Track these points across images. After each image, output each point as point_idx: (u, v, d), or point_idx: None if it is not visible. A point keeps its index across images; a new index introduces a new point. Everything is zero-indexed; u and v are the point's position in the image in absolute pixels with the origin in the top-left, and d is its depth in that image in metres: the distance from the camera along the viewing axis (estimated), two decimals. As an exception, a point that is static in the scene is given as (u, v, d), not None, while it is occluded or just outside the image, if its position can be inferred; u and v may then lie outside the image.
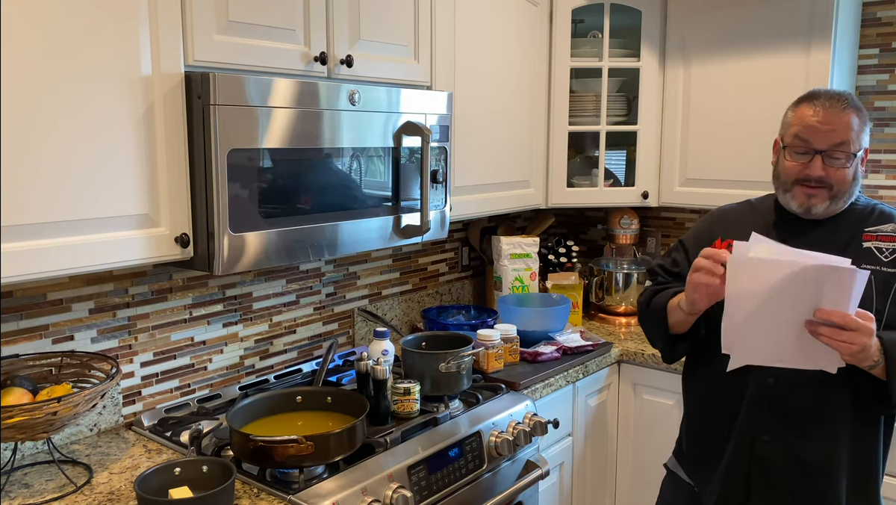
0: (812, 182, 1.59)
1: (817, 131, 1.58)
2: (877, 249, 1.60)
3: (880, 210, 1.67)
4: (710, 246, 1.69)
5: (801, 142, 1.60)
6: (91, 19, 1.42)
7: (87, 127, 1.44)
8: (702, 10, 2.70)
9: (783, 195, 1.66)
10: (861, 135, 1.60)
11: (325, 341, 2.45)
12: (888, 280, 1.58)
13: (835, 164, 1.58)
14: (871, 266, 1.57)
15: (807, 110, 1.62)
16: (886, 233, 1.62)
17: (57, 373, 1.70)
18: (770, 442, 1.64)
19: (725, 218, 1.80)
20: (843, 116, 1.58)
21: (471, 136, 2.39)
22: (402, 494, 1.63)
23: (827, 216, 1.64)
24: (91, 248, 1.47)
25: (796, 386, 1.61)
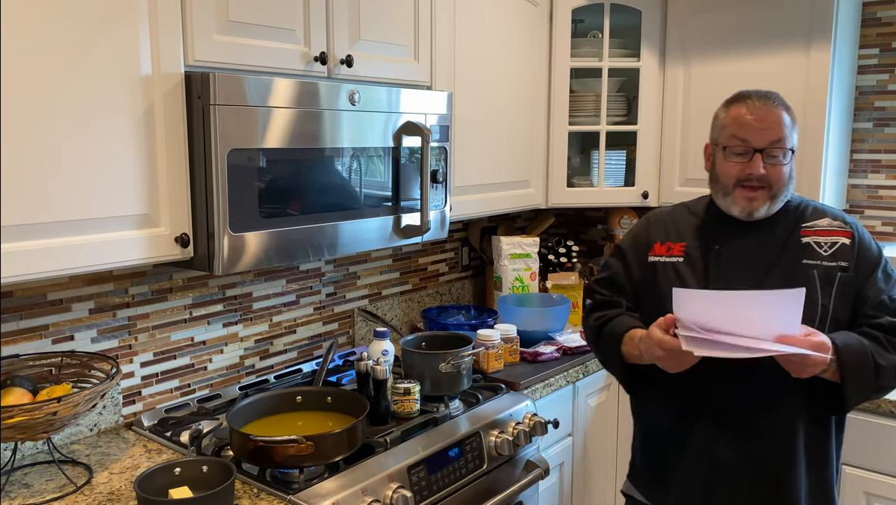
0: (753, 182, 1.59)
1: (755, 129, 1.58)
2: (816, 244, 1.63)
3: (812, 206, 1.70)
4: (650, 250, 1.73)
5: (739, 141, 1.60)
6: (91, 19, 1.42)
7: (87, 127, 1.44)
8: (702, 10, 2.70)
9: (723, 199, 1.65)
10: (793, 132, 1.62)
11: (325, 341, 2.45)
12: (829, 273, 1.60)
13: (773, 162, 1.59)
14: (812, 260, 1.61)
15: (741, 110, 1.61)
16: (823, 227, 1.65)
17: (57, 373, 1.70)
18: (727, 447, 1.63)
19: (663, 222, 1.77)
20: (777, 113, 1.60)
21: (471, 136, 2.39)
22: (402, 494, 1.63)
23: (766, 216, 1.65)
24: (91, 249, 1.47)
25: (753, 390, 1.61)
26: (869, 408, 2.21)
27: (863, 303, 1.60)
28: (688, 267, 1.68)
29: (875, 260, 1.63)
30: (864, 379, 1.53)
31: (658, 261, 1.72)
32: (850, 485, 2.27)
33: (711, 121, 1.71)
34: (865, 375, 1.53)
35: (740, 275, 1.62)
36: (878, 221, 2.75)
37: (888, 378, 1.56)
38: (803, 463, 1.63)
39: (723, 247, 1.66)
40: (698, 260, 1.67)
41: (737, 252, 1.65)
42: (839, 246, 1.62)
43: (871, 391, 1.57)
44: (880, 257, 1.64)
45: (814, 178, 2.51)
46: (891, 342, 1.58)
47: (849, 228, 1.64)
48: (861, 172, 2.77)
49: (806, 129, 2.51)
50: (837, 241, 1.63)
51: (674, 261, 1.70)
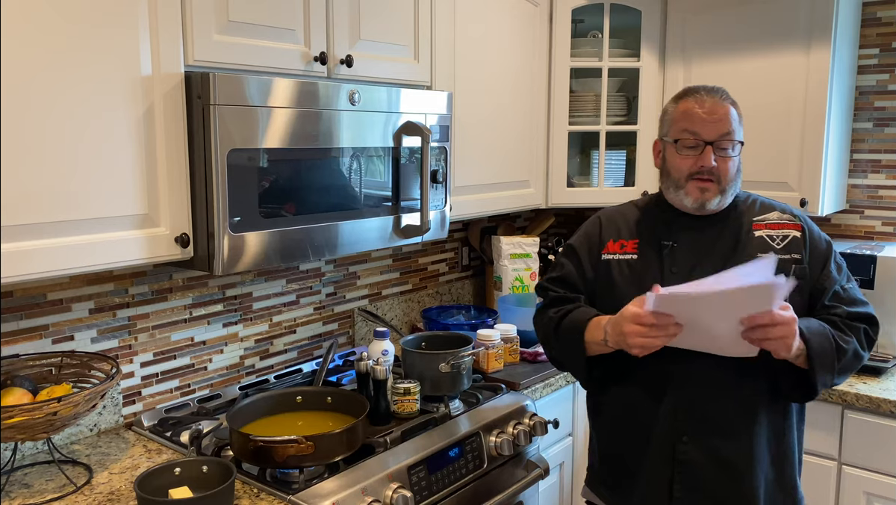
0: (705, 174, 1.60)
1: (705, 122, 1.60)
2: (768, 237, 1.65)
3: (760, 201, 1.73)
4: (602, 249, 1.72)
5: (690, 135, 1.61)
6: (91, 19, 1.42)
7: (87, 127, 1.44)
8: (702, 10, 2.70)
9: (675, 193, 1.65)
10: (740, 127, 1.64)
11: (325, 341, 2.45)
12: (784, 266, 1.61)
13: (723, 155, 1.60)
14: (764, 254, 1.62)
15: (691, 103, 1.62)
16: (773, 221, 1.67)
17: (57, 373, 1.70)
18: (689, 444, 1.63)
19: (614, 220, 1.76)
20: (725, 107, 1.62)
21: (471, 136, 2.39)
22: (402, 494, 1.63)
23: (718, 210, 1.66)
24: (91, 249, 1.47)
25: (715, 386, 1.61)
26: (869, 408, 2.22)
27: (820, 294, 1.63)
28: (642, 264, 1.68)
29: (826, 252, 1.66)
30: (828, 362, 1.55)
31: (612, 259, 1.71)
32: (850, 485, 2.27)
33: (660, 117, 1.72)
34: (829, 357, 1.55)
35: (696, 270, 1.62)
36: (879, 221, 2.75)
37: (848, 362, 1.59)
38: (765, 458, 1.64)
39: (676, 242, 1.67)
40: (653, 257, 1.67)
41: (690, 247, 1.66)
42: (791, 239, 1.64)
43: (834, 374, 1.58)
44: (830, 249, 1.67)
45: (814, 178, 2.51)
46: (849, 326, 1.61)
47: (798, 221, 1.67)
48: (861, 172, 2.77)
49: (806, 129, 2.51)
50: (789, 234, 1.65)
51: (627, 258, 1.69)
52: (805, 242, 1.64)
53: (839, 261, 1.67)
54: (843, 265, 1.68)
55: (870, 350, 1.65)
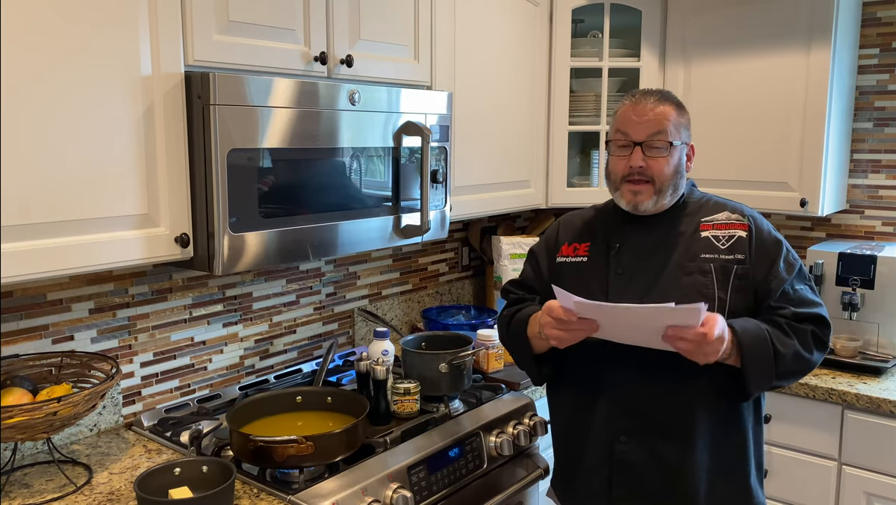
0: (635, 175, 1.61)
1: (634, 123, 1.62)
2: (714, 238, 1.64)
3: (714, 201, 1.71)
4: (557, 252, 1.77)
5: (621, 135, 1.64)
6: (91, 19, 1.42)
7: (87, 127, 1.44)
8: (702, 10, 2.70)
9: (614, 194, 1.68)
10: (680, 128, 1.64)
11: (325, 341, 2.45)
12: (726, 266, 1.61)
13: (654, 154, 1.60)
14: (709, 254, 1.62)
15: (626, 106, 1.65)
16: (721, 221, 1.66)
17: (57, 373, 1.70)
18: (628, 443, 1.63)
19: (571, 224, 1.80)
20: (658, 108, 1.62)
21: (471, 136, 2.39)
22: (402, 494, 1.63)
23: (657, 211, 1.66)
24: (91, 249, 1.47)
25: (653, 385, 1.61)
26: (869, 408, 2.22)
27: (766, 295, 1.61)
28: (590, 266, 1.70)
29: (773, 251, 1.63)
30: (763, 363, 1.54)
31: (564, 261, 1.75)
32: (850, 485, 2.27)
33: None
34: (765, 359, 1.54)
35: (639, 271, 1.64)
36: (879, 221, 2.75)
37: (789, 363, 1.56)
38: (708, 460, 1.62)
39: (623, 244, 1.68)
40: (600, 259, 1.70)
41: (636, 249, 1.67)
42: (736, 239, 1.63)
43: (772, 377, 1.56)
44: (779, 248, 1.63)
45: (814, 178, 2.51)
46: (793, 328, 1.58)
47: (745, 221, 1.64)
48: (861, 172, 2.77)
49: (806, 129, 2.51)
50: (735, 234, 1.63)
51: (578, 261, 1.73)
52: (750, 242, 1.62)
53: (792, 260, 1.64)
54: (798, 266, 1.64)
55: (820, 352, 1.60)
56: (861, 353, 2.45)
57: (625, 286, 1.64)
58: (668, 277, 1.63)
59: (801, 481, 2.36)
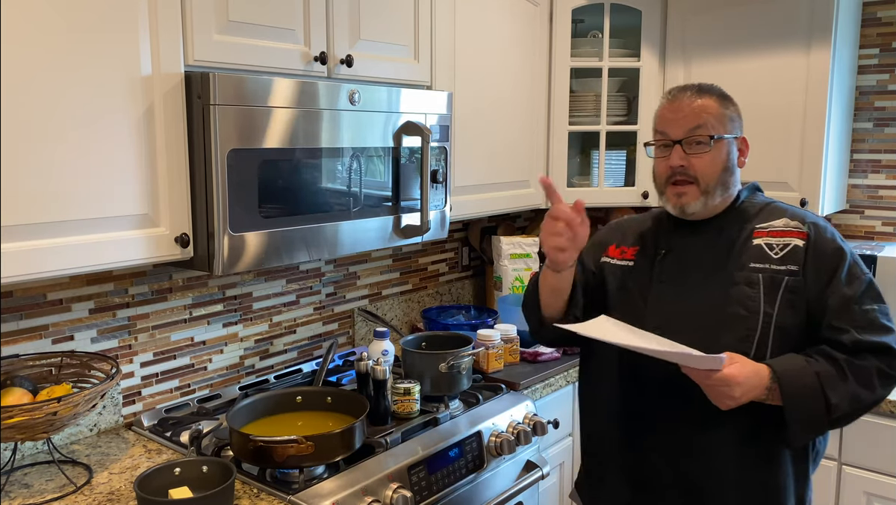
0: (677, 176, 1.51)
1: (670, 121, 1.52)
2: (767, 246, 1.50)
3: (775, 206, 1.57)
4: (601, 251, 1.69)
5: (660, 136, 1.54)
6: (91, 19, 1.42)
7: (87, 127, 1.44)
8: (702, 10, 2.70)
9: (661, 199, 1.58)
10: (724, 120, 1.52)
11: (325, 341, 2.44)
12: (775, 278, 1.47)
13: (695, 151, 1.50)
14: (759, 264, 1.49)
15: (663, 104, 1.56)
16: (777, 228, 1.52)
17: (57, 373, 1.70)
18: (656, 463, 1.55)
19: (623, 226, 1.72)
20: (696, 101, 1.51)
21: (471, 136, 2.39)
22: (402, 494, 1.63)
23: (709, 214, 1.55)
24: (91, 248, 1.47)
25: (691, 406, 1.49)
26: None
27: (822, 312, 1.45)
28: (634, 271, 1.62)
29: (833, 263, 1.47)
30: (810, 414, 1.40)
31: (608, 262, 1.67)
32: (850, 485, 2.27)
33: None
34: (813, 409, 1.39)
35: (682, 280, 1.55)
36: (879, 221, 2.75)
37: (844, 409, 1.40)
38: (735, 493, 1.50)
39: (670, 251, 1.59)
40: (646, 264, 1.61)
41: (683, 255, 1.57)
42: (791, 248, 1.48)
43: (824, 426, 1.42)
44: (841, 260, 1.47)
45: (814, 178, 2.51)
46: (852, 366, 1.41)
47: (805, 230, 1.50)
48: (861, 172, 2.77)
49: (806, 129, 2.51)
50: (790, 242, 1.49)
51: (623, 264, 1.65)
52: (807, 253, 1.47)
53: (859, 274, 1.47)
54: (867, 281, 1.46)
55: (886, 389, 1.42)
56: (861, 353, 2.44)
57: (666, 296, 1.55)
58: (711, 288, 1.51)
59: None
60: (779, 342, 1.45)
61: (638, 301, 1.58)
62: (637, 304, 1.58)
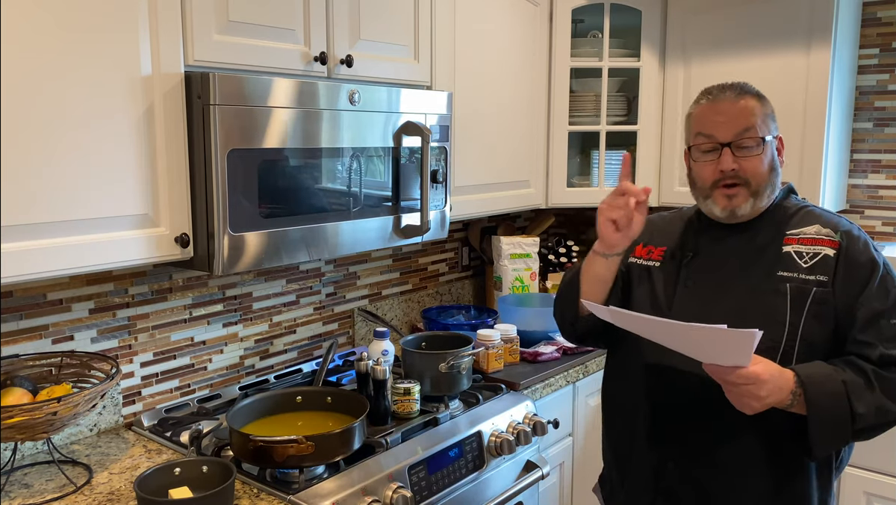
0: (728, 179, 1.46)
1: (718, 123, 1.46)
2: (797, 254, 1.46)
3: (809, 211, 1.53)
4: (632, 251, 1.65)
5: (704, 139, 1.48)
6: (91, 19, 1.42)
7: (87, 127, 1.44)
8: (702, 10, 2.70)
9: (704, 203, 1.53)
10: (767, 120, 1.48)
11: (325, 341, 2.45)
12: (803, 288, 1.43)
13: (745, 154, 1.45)
14: (787, 273, 1.45)
15: (703, 105, 1.50)
16: (809, 235, 1.47)
17: (57, 373, 1.70)
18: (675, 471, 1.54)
19: (652, 225, 1.66)
20: (741, 102, 1.47)
21: (471, 136, 2.39)
22: (402, 494, 1.63)
23: (753, 216, 1.51)
24: (91, 249, 1.47)
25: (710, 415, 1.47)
26: (869, 408, 2.21)
27: (850, 325, 1.42)
28: (660, 272, 1.59)
29: (866, 274, 1.42)
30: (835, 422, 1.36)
31: (635, 262, 1.65)
32: (850, 485, 2.27)
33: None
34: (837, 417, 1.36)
35: (708, 285, 1.51)
36: (879, 221, 2.75)
37: (869, 420, 1.37)
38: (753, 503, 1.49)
39: (697, 253, 1.56)
40: (671, 266, 1.58)
41: (710, 259, 1.54)
42: (821, 257, 1.44)
43: (848, 436, 1.39)
44: (874, 271, 1.43)
45: (814, 178, 2.51)
46: (879, 378, 1.38)
47: (836, 238, 1.45)
48: (861, 172, 2.77)
49: (806, 129, 2.51)
50: (821, 251, 1.45)
51: (649, 265, 1.62)
52: (837, 263, 1.43)
53: (891, 287, 1.42)
54: None
55: None
56: (861, 353, 2.44)
57: (690, 300, 1.52)
58: (736, 295, 1.48)
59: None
60: (804, 354, 1.42)
61: (662, 304, 1.55)
62: (661, 307, 1.55)
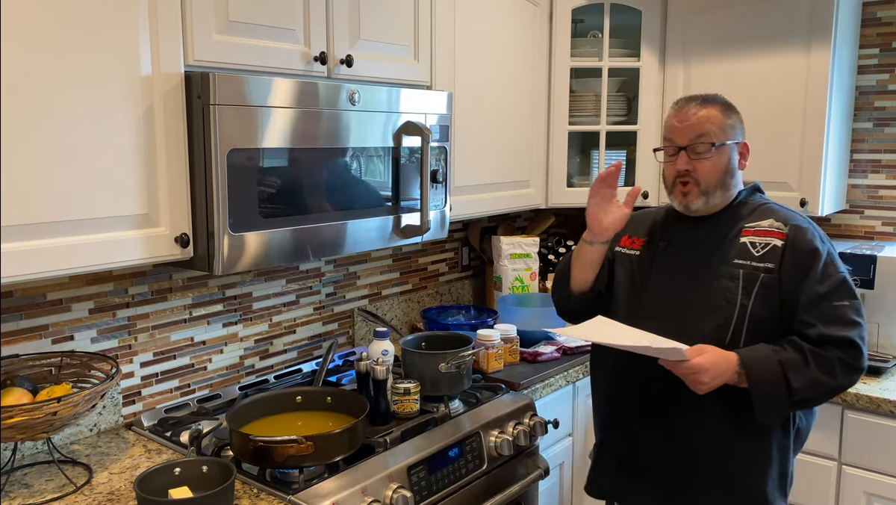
0: (683, 178, 1.69)
1: (677, 129, 1.70)
2: (751, 244, 1.66)
3: (767, 207, 1.72)
4: (616, 241, 1.87)
5: (667, 142, 1.72)
6: (91, 19, 1.42)
7: (87, 127, 1.44)
8: (702, 10, 2.70)
9: (669, 197, 1.77)
10: (726, 128, 1.68)
11: (325, 341, 2.45)
12: (753, 274, 1.63)
13: (699, 157, 1.67)
14: (743, 260, 1.65)
15: (671, 114, 1.74)
16: (763, 228, 1.67)
17: (57, 373, 1.70)
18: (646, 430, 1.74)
19: (637, 218, 1.88)
20: (701, 112, 1.68)
21: (471, 136, 2.39)
22: (402, 494, 1.63)
23: (709, 212, 1.72)
24: (91, 249, 1.47)
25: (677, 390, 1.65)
26: (869, 408, 2.22)
27: (795, 307, 1.60)
28: (639, 260, 1.80)
29: (808, 262, 1.61)
30: (773, 395, 1.57)
31: (620, 251, 1.86)
32: (850, 485, 2.27)
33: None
34: (775, 390, 1.56)
35: (679, 272, 1.73)
36: (879, 221, 2.75)
37: (806, 393, 1.57)
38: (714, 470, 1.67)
39: (669, 244, 1.77)
40: (648, 254, 1.79)
41: (680, 248, 1.75)
42: (770, 248, 1.64)
43: (788, 406, 1.59)
44: (816, 259, 1.61)
45: (814, 178, 2.51)
46: (815, 355, 1.57)
47: (785, 231, 1.64)
48: (861, 172, 2.77)
49: (806, 129, 2.51)
50: (770, 242, 1.64)
51: (631, 253, 1.83)
52: (784, 252, 1.62)
53: (831, 273, 1.60)
54: (839, 280, 1.60)
55: (850, 375, 1.58)
56: (861, 353, 2.44)
57: (661, 285, 1.74)
58: (698, 280, 1.69)
59: (802, 481, 2.36)
60: (752, 331, 1.62)
61: (640, 289, 1.77)
62: (638, 291, 1.77)
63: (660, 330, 1.64)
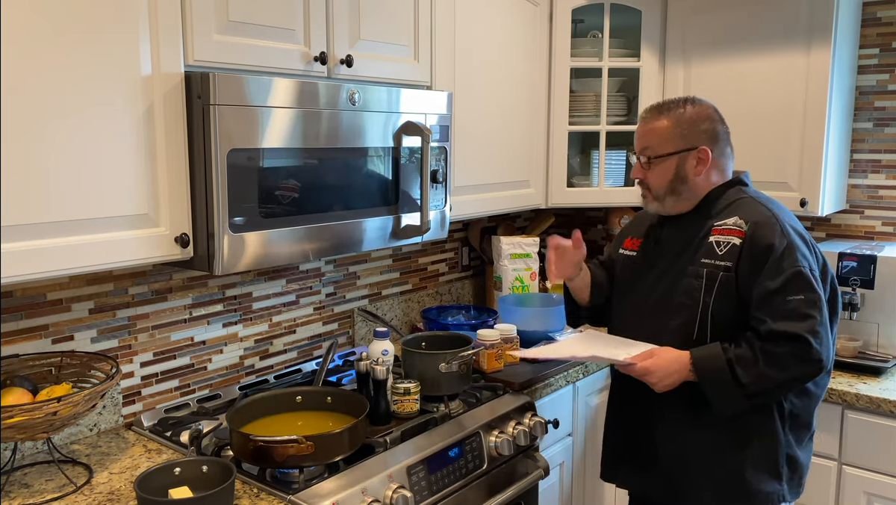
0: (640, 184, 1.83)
1: (636, 139, 1.83)
2: (716, 244, 1.72)
3: (740, 202, 1.76)
4: (620, 243, 2.00)
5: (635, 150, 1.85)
6: (91, 19, 1.42)
7: (87, 127, 1.44)
8: (701, 11, 2.70)
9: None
10: (674, 138, 1.75)
11: (325, 341, 2.45)
12: (714, 273, 1.70)
13: (648, 166, 1.79)
14: (708, 259, 1.72)
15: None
16: (728, 227, 1.72)
17: (57, 373, 1.70)
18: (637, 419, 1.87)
19: (639, 219, 2.00)
20: (650, 123, 1.79)
21: (471, 136, 2.39)
22: (402, 494, 1.63)
23: (672, 213, 1.82)
24: (91, 249, 1.47)
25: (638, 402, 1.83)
26: (869, 408, 2.22)
27: (748, 303, 1.67)
28: (635, 261, 1.91)
29: (761, 260, 1.65)
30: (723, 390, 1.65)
31: (622, 253, 1.97)
32: (850, 485, 2.28)
33: None
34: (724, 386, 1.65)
35: (659, 270, 1.83)
36: (879, 221, 2.75)
37: (758, 386, 1.63)
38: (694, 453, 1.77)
39: (655, 243, 1.87)
40: (642, 253, 1.90)
41: (661, 247, 1.85)
42: (730, 246, 1.70)
43: (743, 400, 1.65)
44: (768, 256, 1.64)
45: (814, 178, 2.51)
46: (764, 351, 1.62)
47: (744, 229, 1.69)
48: (861, 172, 2.77)
49: (806, 129, 2.51)
50: (731, 241, 1.70)
51: (630, 254, 1.94)
52: (741, 251, 1.67)
53: (784, 268, 1.62)
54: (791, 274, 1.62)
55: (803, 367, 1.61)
56: (861, 353, 2.45)
57: (643, 280, 1.85)
58: (672, 279, 1.79)
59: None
60: (714, 327, 1.70)
61: (630, 283, 1.90)
62: (630, 286, 1.90)
63: (638, 328, 1.79)
